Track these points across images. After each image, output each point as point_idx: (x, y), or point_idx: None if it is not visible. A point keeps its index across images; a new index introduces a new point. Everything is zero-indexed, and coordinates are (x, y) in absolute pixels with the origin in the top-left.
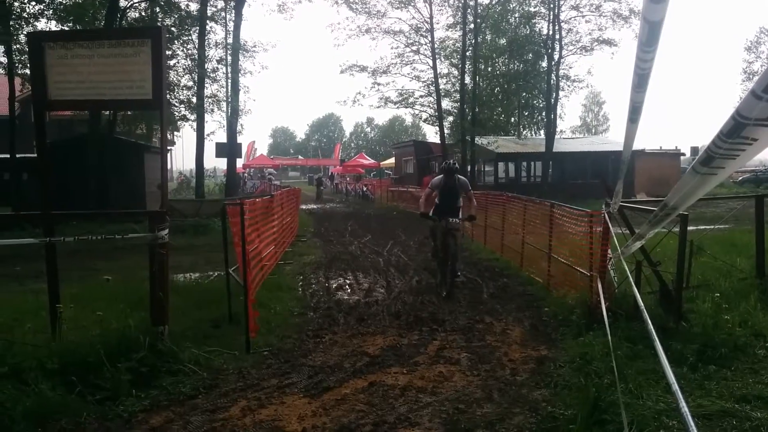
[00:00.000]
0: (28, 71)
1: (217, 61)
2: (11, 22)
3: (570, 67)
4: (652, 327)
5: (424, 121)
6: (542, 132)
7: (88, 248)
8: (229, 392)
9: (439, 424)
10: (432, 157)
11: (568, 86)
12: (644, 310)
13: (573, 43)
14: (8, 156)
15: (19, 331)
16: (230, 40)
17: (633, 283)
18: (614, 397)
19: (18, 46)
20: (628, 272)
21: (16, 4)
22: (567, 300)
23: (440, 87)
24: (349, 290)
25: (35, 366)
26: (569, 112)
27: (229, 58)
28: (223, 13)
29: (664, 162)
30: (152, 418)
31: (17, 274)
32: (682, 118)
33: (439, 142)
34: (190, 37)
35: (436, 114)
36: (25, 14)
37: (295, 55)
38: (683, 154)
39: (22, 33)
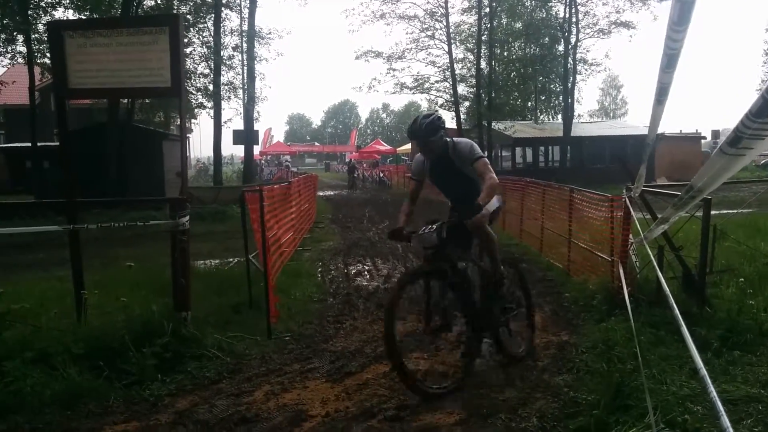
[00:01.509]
0: (47, 60)
1: (232, 48)
2: (29, 12)
3: (587, 51)
4: (677, 312)
5: (440, 106)
6: (560, 116)
7: (109, 235)
8: (252, 377)
9: (461, 409)
10: None
11: (586, 70)
12: (669, 296)
13: (590, 26)
14: (30, 145)
15: (45, 317)
16: (245, 27)
17: (657, 268)
18: (637, 383)
19: (36, 35)
20: (652, 257)
21: None
22: (588, 285)
23: (456, 72)
24: (368, 276)
25: (63, 351)
26: (587, 96)
27: (245, 45)
28: (237, 0)
29: (685, 146)
30: (178, 402)
31: (41, 261)
32: (703, 101)
33: (455, 127)
34: (205, 25)
35: (452, 99)
36: (43, 3)
37: (310, 41)
38: (704, 138)
39: (40, 22)
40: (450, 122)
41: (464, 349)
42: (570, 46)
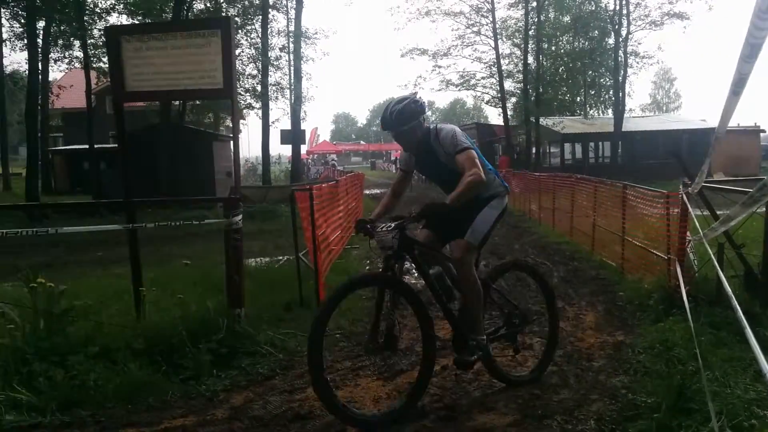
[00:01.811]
0: (102, 64)
1: (279, 49)
2: (85, 18)
3: (639, 43)
4: (741, 312)
5: (487, 103)
6: (610, 111)
7: (163, 234)
8: (304, 373)
9: (515, 410)
10: (495, 139)
11: (637, 63)
12: (731, 295)
13: (641, 17)
14: (87, 147)
15: (105, 314)
16: (292, 28)
17: (717, 267)
18: (699, 386)
19: (92, 40)
20: (711, 255)
21: (90, 0)
22: (643, 284)
23: (503, 68)
24: (417, 274)
25: (123, 346)
26: (638, 89)
27: (291, 45)
28: (284, 1)
29: (743, 140)
30: (233, 398)
31: (100, 259)
32: (762, 93)
33: (502, 123)
34: (253, 27)
35: (499, 95)
36: (98, 9)
37: (355, 40)
38: (763, 131)
39: (95, 28)
40: (497, 119)
41: (455, 359)
42: (620, 39)
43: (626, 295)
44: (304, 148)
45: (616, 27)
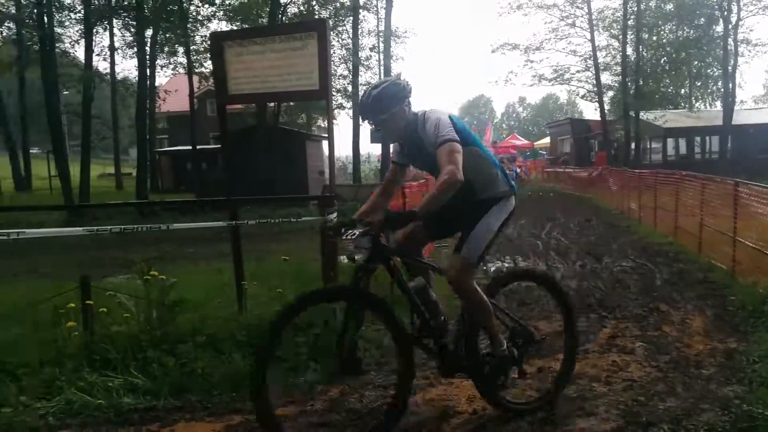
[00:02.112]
0: (203, 69)
1: (369, 48)
2: (188, 25)
3: (750, 30)
4: None
5: (582, 97)
6: (718, 103)
7: (261, 231)
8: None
9: (617, 416)
10: (591, 135)
11: (749, 51)
12: None
13: (753, 2)
14: (190, 148)
15: (210, 306)
16: (382, 28)
17: None
18: None
19: (194, 47)
20: None
21: (192, 8)
22: (757, 289)
23: (599, 60)
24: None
25: (228, 337)
26: (750, 79)
27: (381, 45)
28: (374, 1)
29: None
30: (330, 390)
31: (203, 254)
32: None
33: (598, 118)
34: (344, 27)
35: (595, 89)
36: (200, 17)
37: (443, 37)
38: None
39: (197, 35)
40: (592, 113)
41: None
42: (730, 26)
43: (738, 299)
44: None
45: (725, 13)
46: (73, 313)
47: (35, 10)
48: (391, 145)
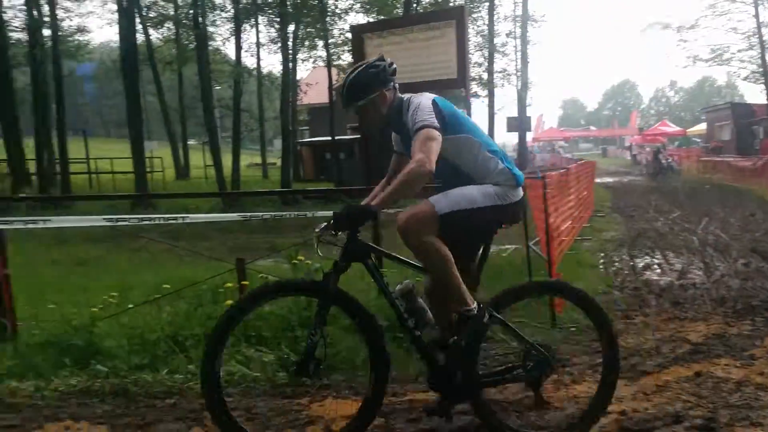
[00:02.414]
0: (341, 62)
1: (505, 35)
2: (327, 19)
3: None
4: None
5: (744, 79)
6: None
7: (390, 219)
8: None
9: None
10: (755, 120)
11: None
12: None
13: None
14: (329, 139)
15: (351, 290)
16: (518, 12)
17: None
18: None
19: (332, 40)
20: None
21: (330, 1)
22: None
23: (765, 38)
24: (658, 270)
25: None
26: None
27: (518, 30)
28: None
29: None
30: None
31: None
32: None
33: (764, 102)
34: (479, 14)
35: (761, 70)
36: (338, 11)
37: (585, 19)
38: None
39: (335, 28)
40: (758, 95)
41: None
42: None
43: None
44: (529, 135)
45: None
46: (230, 292)
47: (191, 11)
48: (392, 133)
